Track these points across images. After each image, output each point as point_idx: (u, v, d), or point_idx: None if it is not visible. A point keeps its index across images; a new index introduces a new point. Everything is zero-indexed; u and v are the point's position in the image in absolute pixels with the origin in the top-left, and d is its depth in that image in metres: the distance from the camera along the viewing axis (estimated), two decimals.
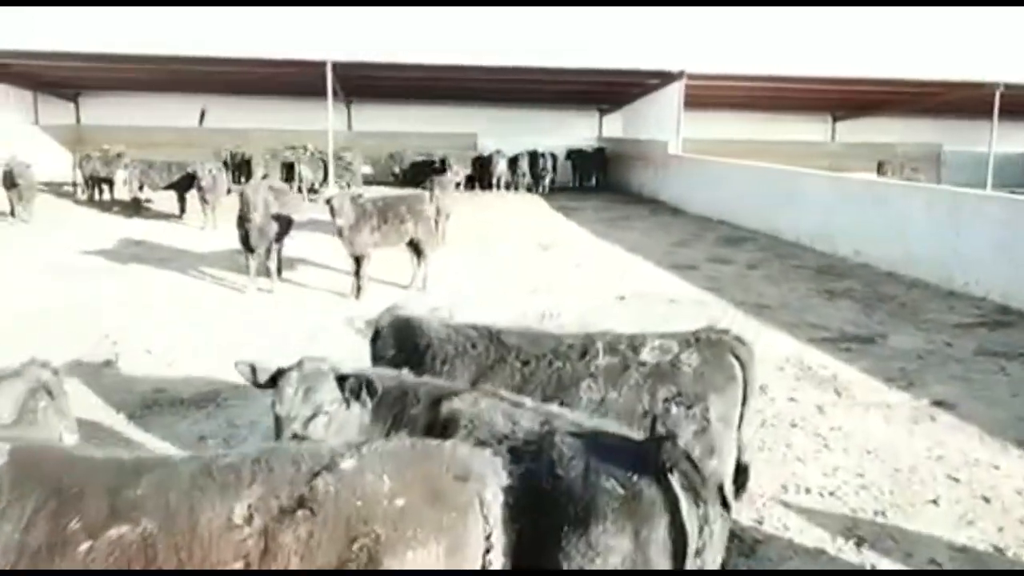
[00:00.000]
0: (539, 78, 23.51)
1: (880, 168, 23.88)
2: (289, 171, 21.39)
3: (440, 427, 3.03)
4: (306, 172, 21.43)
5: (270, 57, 20.33)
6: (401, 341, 4.22)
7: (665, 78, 22.31)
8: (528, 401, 3.11)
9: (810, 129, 30.27)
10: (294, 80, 23.29)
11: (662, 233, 16.40)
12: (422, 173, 17.05)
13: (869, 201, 13.28)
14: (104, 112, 26.73)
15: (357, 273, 9.87)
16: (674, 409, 3.73)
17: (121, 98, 26.71)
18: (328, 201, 9.38)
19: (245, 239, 10.09)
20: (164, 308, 9.22)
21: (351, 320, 8.43)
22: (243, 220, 10.01)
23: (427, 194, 11.01)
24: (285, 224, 10.68)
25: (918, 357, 7.95)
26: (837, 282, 11.49)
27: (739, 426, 3.99)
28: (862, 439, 5.86)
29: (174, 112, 26.68)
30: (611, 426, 3.01)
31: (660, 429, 3.59)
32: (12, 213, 15.66)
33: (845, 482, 5.18)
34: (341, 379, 3.26)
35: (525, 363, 3.93)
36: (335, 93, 23.40)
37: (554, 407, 3.11)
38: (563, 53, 21.76)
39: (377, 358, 4.29)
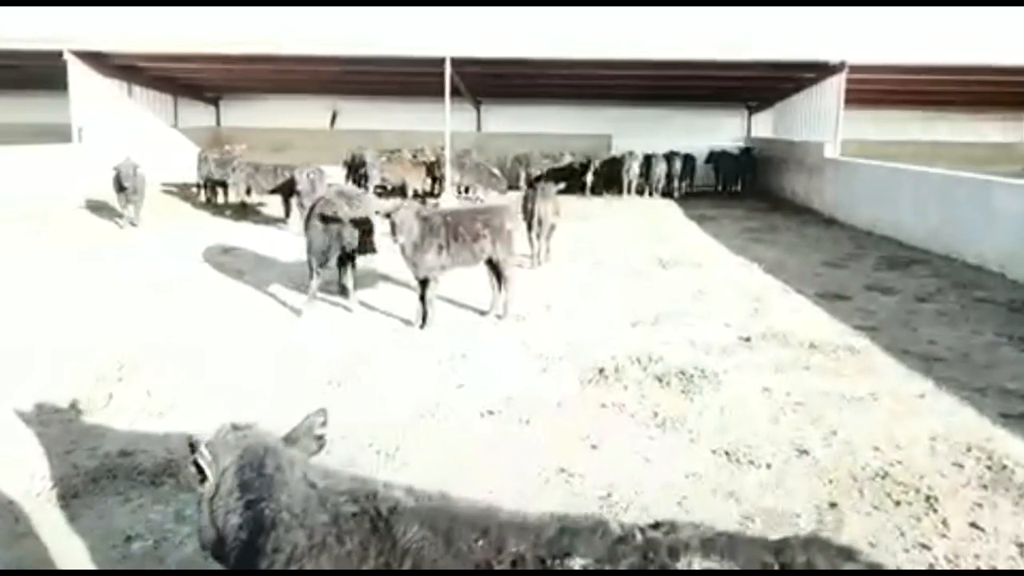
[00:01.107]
0: (680, 73, 21.38)
1: None
2: (430, 172, 21.03)
3: None
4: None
5: (389, 55, 19.44)
6: (245, 501, 2.44)
7: (823, 71, 19.56)
8: None
9: (995, 128, 26.19)
10: (421, 80, 22.49)
11: (811, 250, 13.94)
12: (558, 178, 15.85)
13: None
14: (243, 115, 27.65)
15: (422, 298, 8.42)
16: None
17: (258, 101, 27.39)
18: (389, 215, 7.93)
19: (322, 256, 8.87)
20: (199, 334, 8.09)
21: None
22: (311, 233, 8.82)
23: (509, 206, 9.40)
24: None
25: None
26: None
27: None
28: None
29: (308, 114, 27.05)
30: None
31: None
32: (122, 215, 15.52)
33: None
34: None
35: None
36: (461, 93, 22.41)
37: None
38: (706, 46, 19.48)
39: (212, 525, 2.54)
